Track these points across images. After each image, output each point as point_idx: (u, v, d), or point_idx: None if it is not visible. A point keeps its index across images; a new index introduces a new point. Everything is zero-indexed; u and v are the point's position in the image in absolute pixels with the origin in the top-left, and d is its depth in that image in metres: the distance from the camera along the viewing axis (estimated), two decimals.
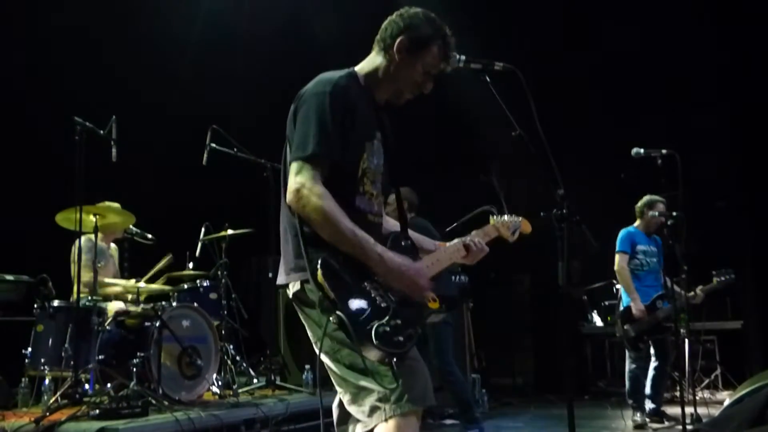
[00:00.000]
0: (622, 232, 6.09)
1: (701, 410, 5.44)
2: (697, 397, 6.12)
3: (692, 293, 5.80)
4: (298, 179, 2.21)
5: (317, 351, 2.34)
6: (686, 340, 6.16)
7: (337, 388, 2.38)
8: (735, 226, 7.99)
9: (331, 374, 2.38)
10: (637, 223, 6.15)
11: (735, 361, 7.84)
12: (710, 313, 7.55)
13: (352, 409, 2.33)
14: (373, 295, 2.21)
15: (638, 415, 5.89)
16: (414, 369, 2.27)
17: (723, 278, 5.88)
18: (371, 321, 2.15)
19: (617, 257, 6.00)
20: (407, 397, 2.20)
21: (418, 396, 2.23)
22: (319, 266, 2.17)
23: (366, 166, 2.38)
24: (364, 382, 2.24)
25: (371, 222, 2.41)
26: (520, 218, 2.90)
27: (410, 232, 2.60)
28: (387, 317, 2.17)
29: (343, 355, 2.27)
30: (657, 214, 5.86)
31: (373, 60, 2.49)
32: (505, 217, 2.87)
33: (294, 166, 2.24)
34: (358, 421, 2.33)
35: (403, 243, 2.47)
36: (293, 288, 2.38)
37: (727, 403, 4.46)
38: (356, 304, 2.17)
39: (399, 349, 2.17)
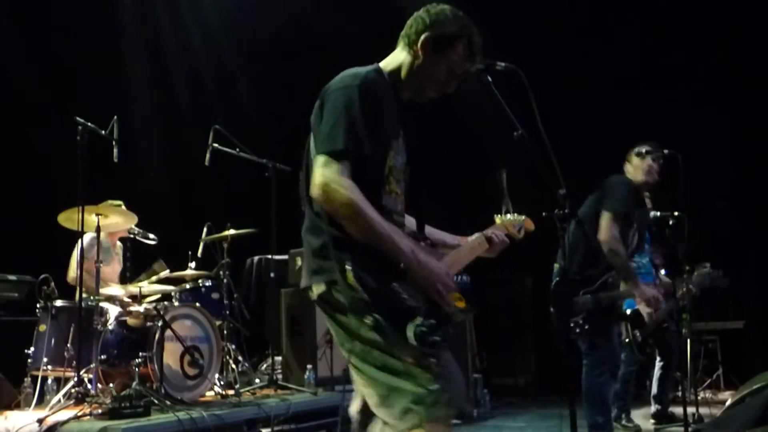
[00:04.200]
0: None
1: (703, 410, 5.44)
2: (699, 398, 6.12)
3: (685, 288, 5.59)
4: (325, 173, 2.13)
5: (344, 354, 2.28)
6: (688, 340, 6.11)
7: (363, 390, 2.30)
8: (736, 226, 7.98)
9: (358, 375, 2.29)
10: None
11: (737, 361, 7.83)
12: (712, 313, 7.54)
13: (379, 412, 2.24)
14: (404, 295, 2.15)
15: (626, 420, 5.82)
16: (448, 371, 2.22)
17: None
18: (406, 321, 2.11)
19: None
20: (443, 400, 2.13)
21: (451, 399, 2.16)
22: (349, 267, 2.12)
23: (392, 164, 2.32)
24: (397, 383, 2.16)
25: (396, 221, 2.34)
26: (523, 217, 2.86)
27: (429, 229, 2.54)
28: (421, 317, 2.13)
29: (375, 357, 2.19)
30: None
31: (397, 56, 2.43)
32: (509, 216, 2.82)
33: (320, 160, 2.16)
34: (385, 423, 2.25)
35: (421, 243, 2.40)
36: (317, 290, 2.29)
37: (729, 403, 4.46)
38: (390, 304, 2.13)
39: (436, 348, 2.14)
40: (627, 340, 5.69)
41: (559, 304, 4.39)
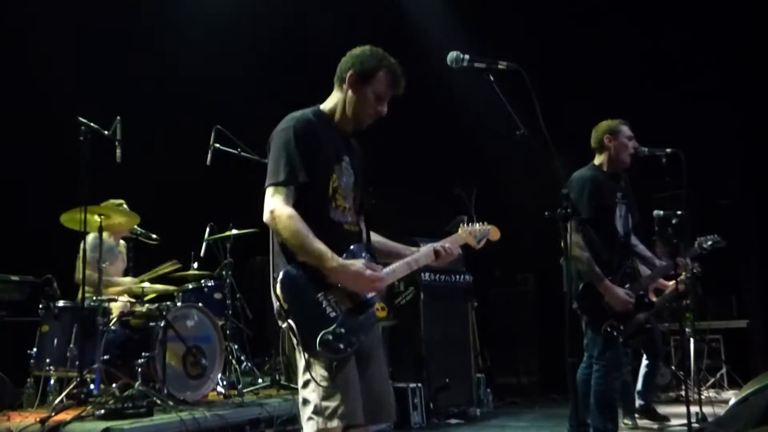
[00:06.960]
0: None
1: (707, 409, 5.42)
2: (703, 397, 6.11)
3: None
4: (272, 201, 2.60)
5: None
6: (691, 339, 6.09)
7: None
8: (739, 225, 7.96)
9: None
10: None
11: (740, 360, 7.81)
12: (715, 312, 7.53)
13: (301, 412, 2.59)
14: (324, 305, 2.52)
15: (627, 419, 5.81)
16: (352, 385, 2.52)
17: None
18: (318, 329, 2.46)
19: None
20: (339, 413, 2.46)
21: (346, 413, 2.47)
22: (279, 280, 2.51)
23: (336, 184, 2.72)
24: (305, 394, 2.54)
25: (347, 231, 2.74)
26: (489, 227, 3.08)
27: (379, 240, 2.87)
28: (333, 326, 2.47)
29: (298, 363, 2.58)
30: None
31: (334, 97, 2.84)
32: (475, 225, 3.06)
33: (268, 191, 2.64)
34: None
35: (363, 255, 2.69)
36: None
37: (732, 402, 4.45)
38: (306, 313, 2.49)
39: (338, 354, 2.48)
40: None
41: (588, 305, 4.30)
